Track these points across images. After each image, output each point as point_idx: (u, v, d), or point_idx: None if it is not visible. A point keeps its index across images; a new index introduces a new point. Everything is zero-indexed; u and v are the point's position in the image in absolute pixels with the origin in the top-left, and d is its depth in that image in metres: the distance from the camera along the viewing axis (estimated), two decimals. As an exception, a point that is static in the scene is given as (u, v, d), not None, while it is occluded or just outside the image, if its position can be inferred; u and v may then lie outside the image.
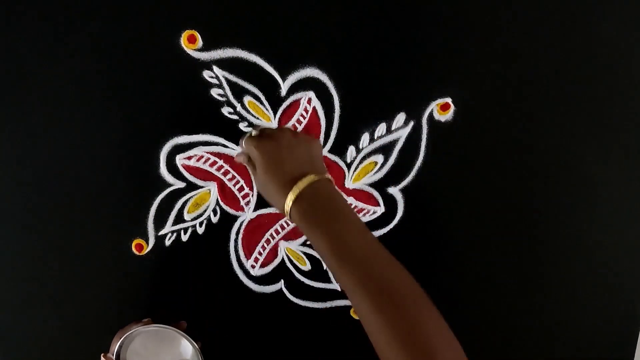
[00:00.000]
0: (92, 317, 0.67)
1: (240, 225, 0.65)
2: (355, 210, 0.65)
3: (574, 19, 0.60)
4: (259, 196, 0.65)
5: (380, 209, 0.65)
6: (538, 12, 0.60)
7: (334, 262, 0.46)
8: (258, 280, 0.67)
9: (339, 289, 0.68)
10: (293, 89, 0.61)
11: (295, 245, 0.67)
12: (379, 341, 0.43)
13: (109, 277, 0.66)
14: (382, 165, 0.64)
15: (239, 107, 0.62)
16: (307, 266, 0.67)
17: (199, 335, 0.68)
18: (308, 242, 0.67)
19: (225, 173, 0.64)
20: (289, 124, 0.62)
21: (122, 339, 0.59)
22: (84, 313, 0.67)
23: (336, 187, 0.53)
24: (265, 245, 0.66)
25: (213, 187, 0.64)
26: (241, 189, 0.64)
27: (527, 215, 0.66)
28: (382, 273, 0.45)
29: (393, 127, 0.63)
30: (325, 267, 0.67)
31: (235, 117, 0.62)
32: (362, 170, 0.64)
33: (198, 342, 0.62)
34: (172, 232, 0.65)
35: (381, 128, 0.63)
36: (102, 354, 0.60)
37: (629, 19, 0.60)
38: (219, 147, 0.63)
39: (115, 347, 0.59)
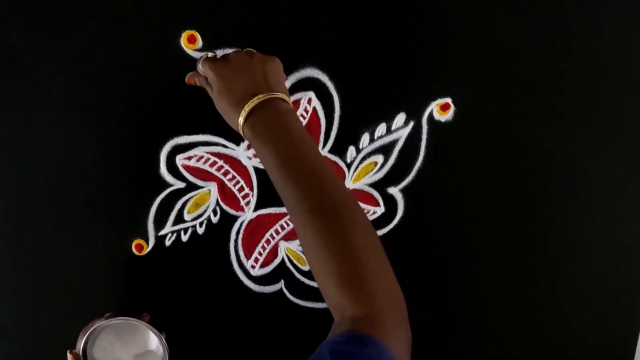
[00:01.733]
0: (93, 317, 0.67)
1: (241, 225, 0.65)
2: (355, 210, 0.65)
3: (574, 19, 0.60)
4: (260, 196, 0.65)
5: (381, 209, 0.65)
6: (538, 12, 0.60)
7: (279, 176, 0.46)
8: (258, 280, 0.67)
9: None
10: (293, 89, 0.61)
11: (295, 245, 0.67)
12: (316, 258, 0.44)
13: (109, 277, 0.66)
14: (382, 165, 0.64)
15: (239, 107, 0.62)
16: (307, 266, 0.67)
17: (200, 335, 0.68)
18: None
19: (225, 173, 0.64)
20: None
21: (86, 335, 0.59)
22: (84, 313, 0.67)
23: (290, 105, 0.53)
24: (266, 245, 0.66)
25: (213, 187, 0.64)
26: (241, 189, 0.64)
27: (527, 215, 0.66)
28: (326, 190, 0.45)
29: (393, 127, 0.63)
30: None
31: (235, 117, 0.62)
32: (362, 171, 0.64)
33: (162, 332, 0.62)
34: (172, 232, 0.65)
35: (381, 128, 0.63)
36: (68, 350, 0.60)
37: (629, 19, 0.60)
38: (219, 147, 0.63)
39: (80, 344, 0.59)
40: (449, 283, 0.68)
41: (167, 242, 0.65)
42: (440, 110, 0.62)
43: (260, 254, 0.66)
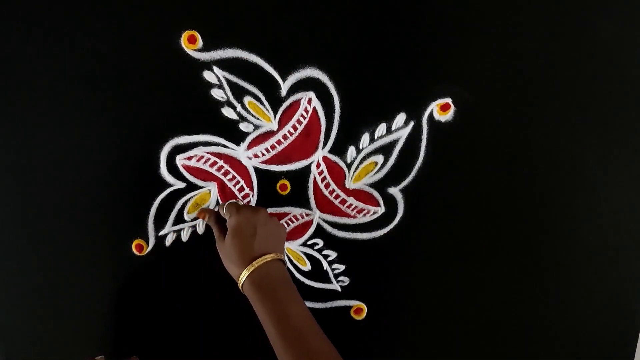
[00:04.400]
0: (92, 317, 0.67)
1: (241, 225, 0.65)
2: (355, 210, 0.65)
3: (574, 19, 0.60)
4: (259, 196, 0.65)
5: (381, 209, 0.65)
6: (538, 12, 0.60)
7: (277, 338, 0.51)
8: (258, 280, 0.67)
9: (339, 289, 0.68)
10: (293, 89, 0.61)
11: (295, 245, 0.67)
12: None
13: (109, 277, 0.66)
14: (383, 165, 0.64)
15: (239, 108, 0.62)
16: (307, 266, 0.67)
17: (199, 335, 0.68)
18: (308, 243, 0.67)
19: (226, 173, 0.64)
20: (290, 124, 0.62)
21: None
22: (84, 313, 0.67)
23: (284, 266, 0.57)
24: (266, 245, 0.66)
25: (213, 187, 0.64)
26: (241, 189, 0.64)
27: (527, 215, 0.66)
28: (315, 349, 0.51)
29: (393, 128, 0.63)
30: (325, 267, 0.67)
31: (235, 117, 0.62)
32: (362, 171, 0.64)
33: None
34: (172, 232, 0.65)
35: (381, 128, 0.63)
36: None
37: (629, 19, 0.60)
38: (219, 147, 0.63)
39: None
40: (449, 283, 0.68)
41: (167, 242, 0.65)
42: (440, 110, 0.62)
43: (260, 254, 0.66)
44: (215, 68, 0.60)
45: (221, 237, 0.58)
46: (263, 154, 0.63)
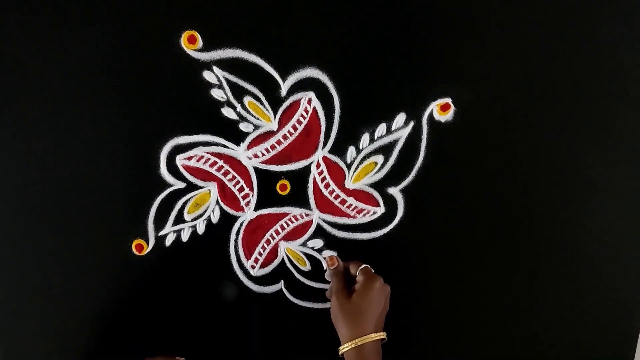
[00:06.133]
0: (92, 317, 0.67)
1: (241, 225, 0.65)
2: (355, 210, 0.65)
3: (575, 20, 0.60)
4: (259, 196, 0.65)
5: (381, 210, 0.65)
6: (538, 12, 0.60)
7: None
8: (258, 280, 0.67)
9: (339, 289, 0.68)
10: (293, 89, 0.61)
11: (295, 245, 0.67)
12: None
13: (109, 277, 0.66)
14: (382, 165, 0.64)
15: (239, 108, 0.62)
16: (307, 267, 0.67)
17: (199, 335, 0.68)
18: (308, 243, 0.67)
19: (226, 173, 0.64)
20: (289, 124, 0.62)
21: None
22: (84, 313, 0.67)
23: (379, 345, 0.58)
24: (265, 245, 0.66)
25: (213, 187, 0.64)
26: (241, 189, 0.64)
27: (527, 216, 0.66)
28: None
29: (393, 128, 0.63)
30: (325, 267, 0.67)
31: (235, 117, 0.62)
32: (362, 171, 0.64)
33: None
34: (172, 232, 0.65)
35: (381, 128, 0.63)
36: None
37: (629, 20, 0.60)
38: (219, 147, 0.63)
39: None
40: (449, 283, 0.68)
41: (167, 242, 0.65)
42: (440, 110, 0.62)
43: (260, 254, 0.66)
44: (215, 68, 0.60)
45: (344, 290, 0.59)
46: (263, 154, 0.64)
